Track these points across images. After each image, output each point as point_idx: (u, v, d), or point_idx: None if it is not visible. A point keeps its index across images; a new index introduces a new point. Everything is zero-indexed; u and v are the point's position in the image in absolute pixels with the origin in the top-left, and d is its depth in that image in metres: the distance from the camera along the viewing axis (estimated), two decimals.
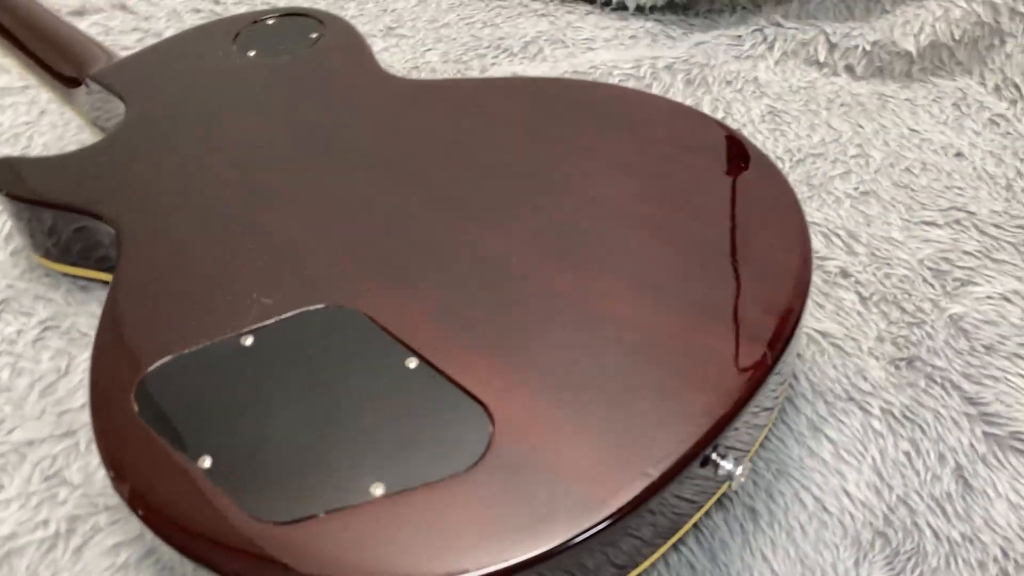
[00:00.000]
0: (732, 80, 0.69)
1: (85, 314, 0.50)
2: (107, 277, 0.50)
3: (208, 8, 0.80)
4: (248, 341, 0.39)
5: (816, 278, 0.53)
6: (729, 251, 0.41)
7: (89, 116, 0.62)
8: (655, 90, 0.68)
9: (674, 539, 0.36)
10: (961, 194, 0.59)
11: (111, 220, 0.47)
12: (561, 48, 0.73)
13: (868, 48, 0.70)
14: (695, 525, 0.40)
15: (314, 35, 0.59)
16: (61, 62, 0.62)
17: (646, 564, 0.36)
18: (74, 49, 0.62)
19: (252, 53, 0.58)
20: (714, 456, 0.35)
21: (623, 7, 0.78)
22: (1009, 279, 0.52)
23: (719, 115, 0.66)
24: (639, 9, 0.78)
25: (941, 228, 0.56)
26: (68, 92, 0.62)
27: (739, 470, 0.35)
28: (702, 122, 0.49)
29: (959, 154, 0.63)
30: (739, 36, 0.73)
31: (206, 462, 0.34)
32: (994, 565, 0.39)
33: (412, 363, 0.37)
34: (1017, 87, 0.68)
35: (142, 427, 0.36)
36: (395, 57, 0.73)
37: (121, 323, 0.41)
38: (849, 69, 0.71)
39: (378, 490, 0.33)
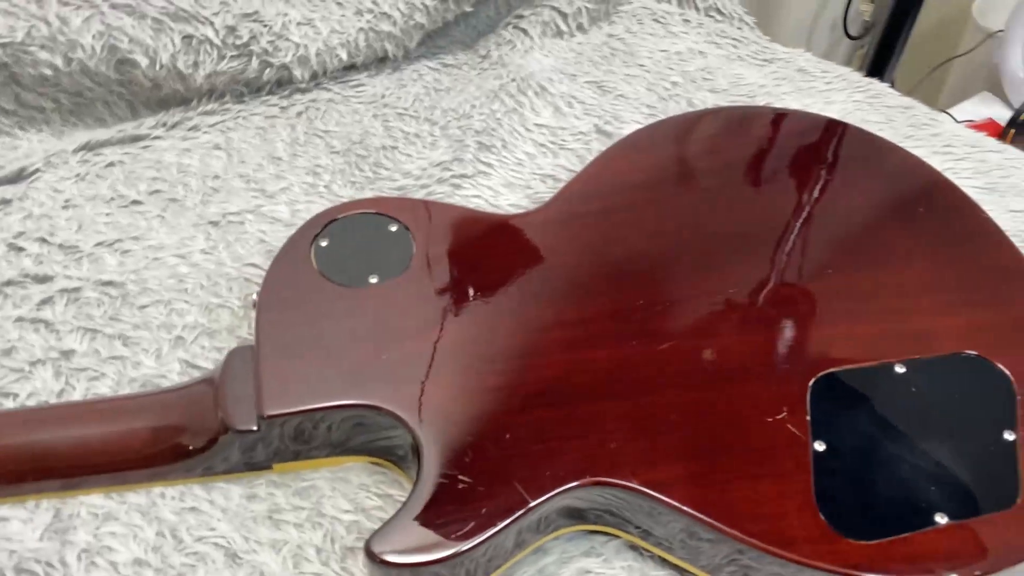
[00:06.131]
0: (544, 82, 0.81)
1: None
2: None
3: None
4: (821, 447, 0.47)
5: None
6: None
7: (215, 470, 0.48)
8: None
9: None
10: (744, 78, 0.84)
11: None
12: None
13: (590, 7, 0.87)
14: None
15: (392, 228, 0.55)
16: (181, 437, 0.46)
17: None
18: (184, 415, 0.47)
19: (374, 280, 0.52)
20: None
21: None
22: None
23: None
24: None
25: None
26: (185, 464, 0.47)
27: None
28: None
29: (701, 52, 0.87)
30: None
31: None
32: None
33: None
34: None
35: None
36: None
37: None
38: (580, 28, 0.88)
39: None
